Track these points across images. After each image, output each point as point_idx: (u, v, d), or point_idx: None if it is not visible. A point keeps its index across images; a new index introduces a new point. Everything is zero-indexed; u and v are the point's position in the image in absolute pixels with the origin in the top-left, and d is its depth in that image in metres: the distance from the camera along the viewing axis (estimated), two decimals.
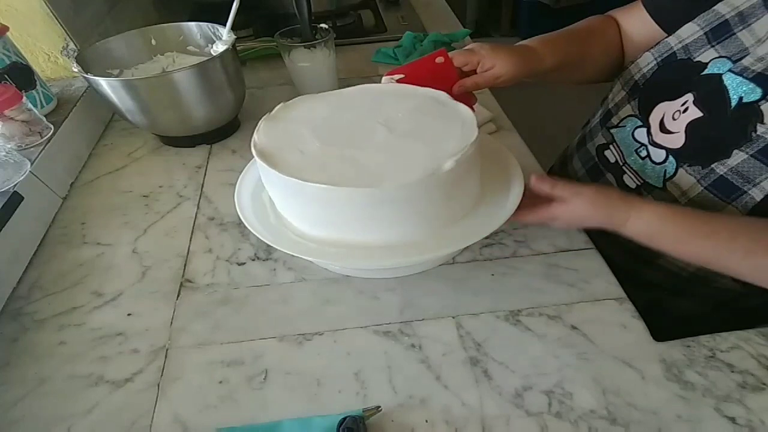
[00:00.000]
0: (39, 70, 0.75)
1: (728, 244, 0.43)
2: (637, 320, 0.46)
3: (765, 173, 0.44)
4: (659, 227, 0.45)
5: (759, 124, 0.45)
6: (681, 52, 0.52)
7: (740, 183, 0.46)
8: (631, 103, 0.57)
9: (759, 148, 0.44)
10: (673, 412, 0.39)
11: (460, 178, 0.44)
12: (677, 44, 0.53)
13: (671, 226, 0.45)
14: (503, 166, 0.52)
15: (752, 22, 0.47)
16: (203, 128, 0.72)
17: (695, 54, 0.51)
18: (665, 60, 0.54)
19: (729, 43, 0.49)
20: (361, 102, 0.52)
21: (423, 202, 0.43)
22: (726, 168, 0.47)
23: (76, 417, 0.42)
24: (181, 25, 0.76)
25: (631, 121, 0.57)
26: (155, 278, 0.54)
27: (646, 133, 0.55)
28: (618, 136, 0.59)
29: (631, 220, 0.46)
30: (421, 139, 0.45)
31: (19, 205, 0.56)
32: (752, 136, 0.45)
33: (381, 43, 0.99)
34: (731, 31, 0.49)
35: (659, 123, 0.53)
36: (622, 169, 0.58)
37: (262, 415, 0.41)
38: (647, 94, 0.55)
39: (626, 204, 0.46)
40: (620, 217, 0.46)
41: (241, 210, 0.49)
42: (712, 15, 0.50)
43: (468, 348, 0.45)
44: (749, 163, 0.45)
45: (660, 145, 0.53)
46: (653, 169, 0.54)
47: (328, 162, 0.44)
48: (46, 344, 0.48)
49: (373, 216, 0.43)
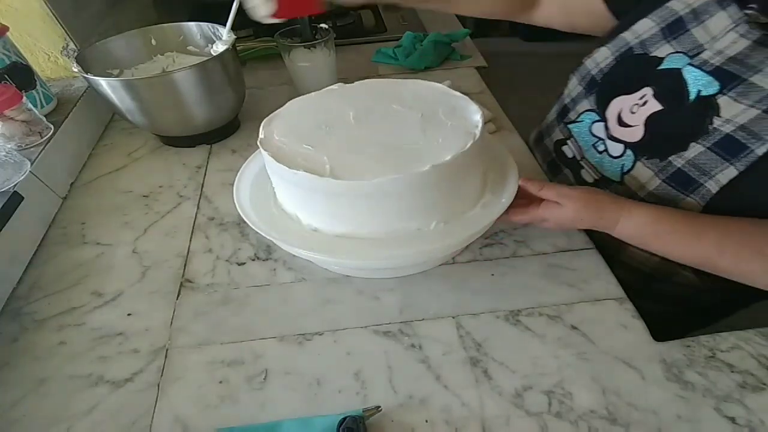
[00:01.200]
0: (39, 70, 0.75)
1: (717, 247, 0.44)
2: (637, 320, 0.46)
3: (721, 166, 0.45)
4: (650, 229, 0.46)
5: (716, 117, 0.45)
6: (638, 47, 0.53)
7: (697, 175, 0.46)
8: (589, 98, 0.58)
9: (715, 140, 0.45)
10: (673, 412, 0.39)
11: (464, 171, 0.44)
12: (633, 39, 0.54)
13: (661, 227, 0.46)
14: (501, 165, 0.52)
15: (705, 19, 0.48)
16: (203, 128, 0.72)
17: (652, 49, 0.52)
18: (622, 55, 0.55)
19: (684, 38, 0.49)
20: (365, 96, 0.52)
21: (427, 195, 0.43)
22: (683, 161, 0.47)
23: (76, 417, 0.42)
24: (181, 25, 0.76)
25: (588, 116, 0.58)
26: (155, 278, 0.54)
27: (604, 128, 0.55)
28: (575, 131, 0.59)
29: (622, 222, 0.47)
30: (425, 133, 0.45)
31: (19, 205, 0.56)
32: (709, 129, 0.45)
33: (381, 43, 0.99)
34: (686, 27, 0.49)
35: (617, 117, 0.54)
36: (580, 164, 0.59)
37: (262, 415, 0.41)
38: (604, 88, 0.56)
39: (616, 206, 0.47)
40: (610, 218, 0.47)
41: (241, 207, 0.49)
42: (666, 12, 0.51)
43: (468, 348, 0.45)
44: (706, 156, 0.45)
45: (618, 139, 0.53)
46: (611, 163, 0.54)
47: (334, 155, 0.44)
48: (46, 344, 0.48)
49: (377, 208, 0.43)
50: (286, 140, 0.46)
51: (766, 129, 0.42)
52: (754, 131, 0.43)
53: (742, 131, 0.43)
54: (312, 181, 0.41)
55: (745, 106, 0.44)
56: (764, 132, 0.42)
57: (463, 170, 0.44)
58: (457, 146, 0.43)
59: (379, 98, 0.51)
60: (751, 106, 0.43)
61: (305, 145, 0.45)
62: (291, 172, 0.42)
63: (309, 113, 0.50)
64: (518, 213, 0.49)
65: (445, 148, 0.43)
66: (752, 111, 0.43)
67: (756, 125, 0.43)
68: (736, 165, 0.44)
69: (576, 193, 0.47)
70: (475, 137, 0.44)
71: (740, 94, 0.44)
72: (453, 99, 0.51)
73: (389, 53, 0.93)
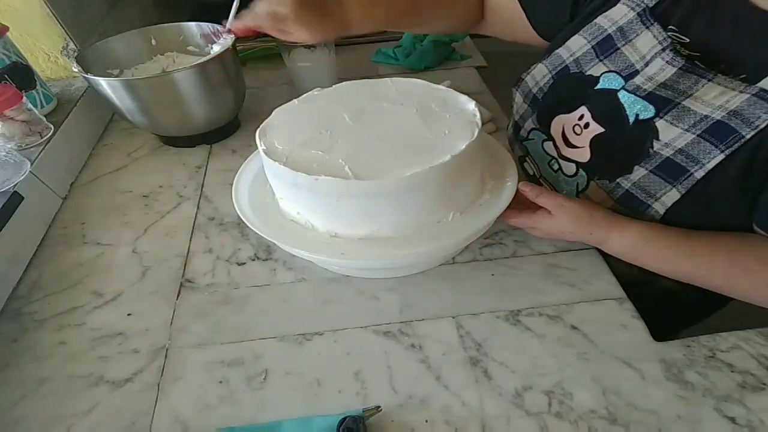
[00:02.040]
0: (39, 70, 0.75)
1: (708, 264, 0.44)
2: (637, 320, 0.46)
3: (664, 188, 0.45)
4: (641, 247, 0.47)
5: (655, 141, 0.46)
6: (573, 65, 0.53)
7: (644, 197, 0.47)
8: (533, 116, 0.57)
9: (657, 164, 0.45)
10: (673, 412, 0.39)
11: (463, 171, 0.45)
12: (568, 57, 0.53)
13: (653, 246, 0.46)
14: (501, 165, 0.52)
15: (633, 38, 0.48)
16: (203, 128, 0.72)
17: (586, 68, 0.52)
18: (559, 73, 0.54)
19: (615, 57, 0.49)
20: (351, 98, 0.52)
21: (427, 194, 0.43)
22: (629, 183, 0.47)
23: (76, 417, 0.42)
24: (181, 25, 0.76)
25: (536, 134, 0.57)
26: (155, 278, 0.54)
27: (554, 146, 0.55)
28: (530, 149, 0.59)
29: (613, 239, 0.47)
30: (425, 133, 0.46)
31: (19, 205, 0.56)
32: (650, 153, 0.46)
33: (381, 43, 0.99)
34: (615, 46, 0.49)
35: (561, 136, 0.53)
36: (539, 181, 0.59)
37: (262, 415, 0.41)
38: (544, 107, 0.56)
39: (608, 222, 0.47)
40: (600, 235, 0.48)
41: (240, 207, 0.49)
42: (595, 28, 0.51)
43: (468, 348, 0.45)
44: (649, 179, 0.46)
45: (569, 159, 0.53)
46: (566, 182, 0.54)
47: (349, 157, 0.44)
48: (46, 344, 0.48)
49: (399, 205, 0.43)
50: (290, 148, 0.45)
51: (703, 153, 0.42)
52: (691, 155, 0.43)
53: (681, 155, 0.44)
54: (336, 185, 0.41)
55: (681, 130, 0.44)
56: (701, 156, 0.42)
57: (472, 160, 0.45)
58: (466, 136, 0.44)
59: (365, 98, 0.51)
60: (686, 131, 0.43)
61: (314, 150, 0.45)
62: (311, 178, 0.41)
63: (302, 120, 0.50)
64: (512, 215, 0.50)
65: (455, 138, 0.44)
66: (688, 135, 0.43)
67: (693, 149, 0.43)
68: (677, 188, 0.44)
69: (571, 205, 0.48)
70: (478, 125, 0.45)
71: (675, 118, 0.44)
72: (439, 92, 0.51)
73: (389, 53, 0.93)
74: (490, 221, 0.46)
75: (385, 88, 0.53)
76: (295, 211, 0.47)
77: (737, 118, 0.41)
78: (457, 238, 0.45)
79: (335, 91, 0.54)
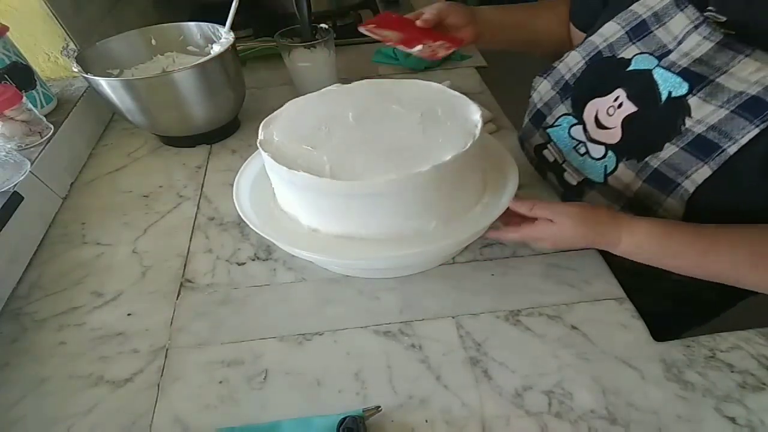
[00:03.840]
0: (39, 70, 0.75)
1: (731, 258, 0.43)
2: (637, 320, 0.46)
3: (696, 165, 0.45)
4: (655, 246, 0.45)
5: (687, 118, 0.46)
6: (606, 50, 0.55)
7: (674, 175, 0.47)
8: (564, 102, 0.58)
9: (688, 140, 0.46)
10: (673, 412, 0.40)
11: (464, 171, 0.44)
12: (602, 42, 0.55)
13: (667, 243, 0.45)
14: (501, 166, 0.52)
15: (667, 21, 0.49)
16: (203, 128, 0.72)
17: (619, 51, 0.53)
18: (592, 58, 0.56)
19: (648, 40, 0.51)
20: (364, 97, 0.52)
21: (427, 195, 0.43)
22: (659, 161, 0.48)
23: (76, 417, 0.42)
24: (181, 25, 0.76)
25: (566, 120, 0.58)
26: (155, 278, 0.54)
27: (583, 130, 0.55)
28: (554, 136, 0.59)
29: (624, 239, 0.45)
30: (425, 133, 0.45)
31: (19, 205, 0.56)
32: (681, 130, 0.46)
33: (381, 43, 0.99)
34: (649, 29, 0.51)
35: (594, 119, 0.54)
36: (562, 167, 0.59)
37: (262, 415, 0.41)
38: (578, 92, 0.57)
39: (616, 222, 0.46)
40: (612, 236, 0.46)
41: (241, 207, 0.49)
42: (630, 14, 0.53)
43: (468, 348, 0.45)
44: (680, 156, 0.46)
45: (598, 141, 0.54)
46: (593, 165, 0.54)
47: (334, 156, 0.44)
48: (46, 344, 0.48)
49: (377, 208, 0.43)
50: (286, 141, 0.46)
51: (736, 128, 0.43)
52: (724, 131, 0.43)
53: (713, 131, 0.44)
54: (311, 181, 0.41)
55: (714, 107, 0.44)
56: (735, 132, 0.43)
57: (463, 170, 0.44)
58: (458, 146, 0.43)
59: (378, 98, 0.51)
60: (720, 107, 0.44)
61: (305, 145, 0.45)
62: (291, 172, 0.42)
63: (308, 114, 0.50)
64: (511, 231, 0.49)
65: (445, 147, 0.43)
66: (721, 111, 0.44)
67: (726, 125, 0.43)
68: (709, 164, 0.44)
69: (572, 210, 0.46)
70: (474, 137, 0.44)
71: (709, 95, 0.45)
72: (452, 98, 0.51)
73: (389, 53, 0.93)
74: (470, 235, 0.46)
75: (402, 90, 0.52)
76: (284, 203, 0.48)
77: None
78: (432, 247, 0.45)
79: (352, 88, 0.54)
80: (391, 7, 1.17)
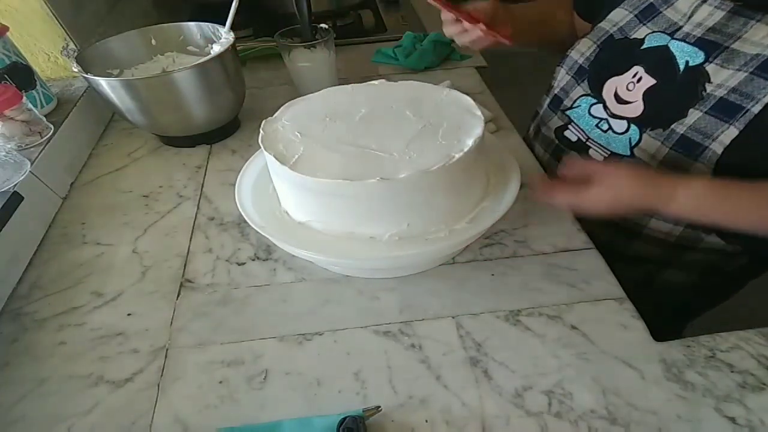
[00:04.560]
0: (39, 70, 0.75)
1: None
2: (637, 320, 0.46)
3: (721, 127, 0.47)
4: (716, 199, 0.46)
5: (707, 84, 0.48)
6: (617, 33, 0.58)
7: (701, 139, 0.48)
8: (581, 84, 0.61)
9: (711, 104, 0.48)
10: (673, 412, 0.39)
11: (468, 171, 0.44)
12: (612, 27, 0.58)
13: (729, 195, 0.46)
14: (502, 165, 0.52)
15: (674, 1, 0.52)
16: (203, 128, 0.72)
17: (630, 33, 0.56)
18: (605, 42, 0.59)
19: (658, 20, 0.53)
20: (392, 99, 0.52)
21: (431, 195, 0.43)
22: (685, 127, 0.49)
23: (76, 417, 0.42)
24: (181, 25, 0.76)
25: (584, 100, 0.60)
26: (155, 278, 0.54)
27: (603, 108, 0.58)
28: (575, 116, 0.62)
29: (681, 192, 0.46)
30: (408, 146, 0.45)
31: (19, 205, 0.56)
32: (703, 95, 0.48)
33: (381, 43, 0.99)
34: (658, 10, 0.54)
35: (614, 96, 0.56)
36: (586, 144, 0.60)
37: (262, 415, 0.41)
38: (595, 73, 0.59)
39: (669, 177, 0.47)
40: (668, 190, 0.46)
41: (242, 206, 0.49)
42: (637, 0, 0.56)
43: (468, 348, 0.45)
44: (705, 120, 0.48)
45: (620, 116, 0.56)
46: (618, 140, 0.56)
47: (309, 147, 0.44)
48: (46, 344, 0.48)
49: (383, 209, 0.43)
50: (288, 124, 0.48)
51: (757, 89, 0.45)
52: (746, 92, 0.45)
53: (735, 93, 0.46)
54: (273, 165, 0.44)
55: (732, 71, 0.47)
56: (756, 92, 0.45)
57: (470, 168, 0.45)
58: (425, 165, 0.41)
59: (390, 100, 0.51)
60: (738, 70, 0.46)
61: (297, 132, 0.47)
62: (277, 164, 0.43)
63: (317, 110, 0.51)
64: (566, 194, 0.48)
65: (412, 164, 0.42)
66: (740, 74, 0.46)
67: (746, 86, 0.45)
68: (735, 125, 0.46)
69: (624, 169, 0.47)
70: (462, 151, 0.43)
71: (725, 61, 0.47)
72: (467, 117, 0.47)
73: (389, 53, 0.93)
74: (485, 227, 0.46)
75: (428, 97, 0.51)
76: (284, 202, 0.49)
77: None
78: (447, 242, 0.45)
79: (368, 88, 0.54)
80: (391, 7, 1.17)
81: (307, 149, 0.45)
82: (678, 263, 0.59)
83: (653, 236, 0.57)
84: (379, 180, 0.40)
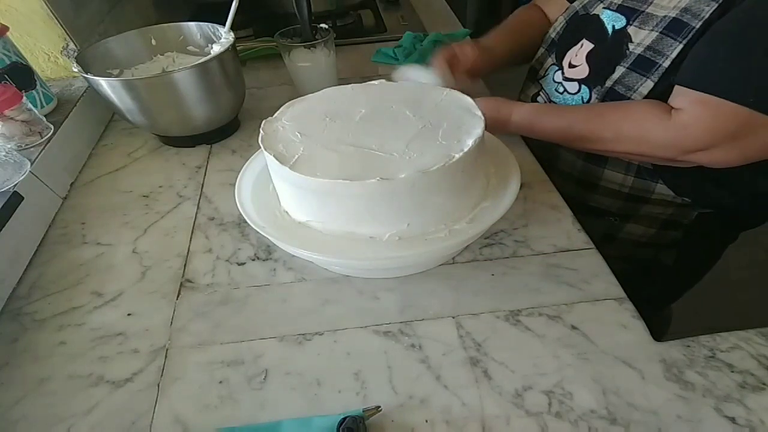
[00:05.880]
0: (39, 70, 0.75)
1: (576, 115, 0.59)
2: (637, 320, 0.46)
3: (640, 81, 0.57)
4: (536, 116, 0.62)
5: (630, 43, 0.59)
6: (581, 10, 0.68)
7: (624, 91, 0.58)
8: (552, 55, 0.72)
9: (632, 61, 0.58)
10: (673, 412, 0.39)
11: (468, 171, 0.44)
12: (578, 5, 0.69)
13: (546, 112, 0.62)
14: (502, 165, 0.52)
15: None
16: (203, 128, 0.72)
17: (591, 9, 0.66)
18: (571, 18, 0.70)
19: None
20: (395, 99, 0.51)
21: (431, 195, 0.43)
22: (612, 81, 0.60)
23: (76, 417, 0.42)
24: (181, 25, 0.76)
25: (552, 69, 0.71)
26: (155, 278, 0.54)
27: (561, 73, 0.68)
28: (543, 83, 0.73)
29: (515, 112, 0.62)
30: (407, 146, 0.45)
31: (19, 205, 0.56)
32: (627, 53, 0.59)
33: (381, 43, 0.99)
34: None
35: (568, 63, 0.67)
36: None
37: (262, 415, 0.41)
38: (560, 45, 0.70)
39: (508, 103, 0.63)
40: (505, 110, 0.63)
41: (243, 207, 0.49)
42: None
43: (468, 348, 0.45)
44: (629, 75, 0.58)
45: (572, 78, 0.66)
46: (572, 99, 0.66)
47: (309, 147, 0.44)
48: (46, 344, 0.48)
49: (383, 209, 0.43)
50: (288, 125, 0.49)
51: (666, 46, 0.55)
52: (657, 49, 0.55)
53: (650, 51, 0.56)
54: (273, 165, 0.44)
55: (647, 31, 0.57)
56: (665, 49, 0.55)
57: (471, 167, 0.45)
58: (425, 165, 0.41)
59: (393, 100, 0.51)
60: (652, 30, 0.56)
61: (297, 132, 0.47)
62: (276, 163, 0.43)
63: (318, 108, 0.51)
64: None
65: (412, 165, 0.42)
66: (653, 34, 0.56)
67: (658, 44, 0.55)
68: (651, 78, 0.56)
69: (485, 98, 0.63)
70: (461, 152, 0.43)
71: (642, 23, 0.58)
72: (467, 117, 0.48)
73: (389, 53, 0.93)
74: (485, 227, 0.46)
75: (422, 94, 0.51)
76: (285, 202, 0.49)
77: (688, 13, 0.53)
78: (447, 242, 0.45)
79: (368, 88, 0.54)
80: (391, 7, 1.17)
81: (307, 149, 0.45)
82: (636, 217, 0.69)
83: (609, 188, 0.67)
84: (379, 180, 0.40)
